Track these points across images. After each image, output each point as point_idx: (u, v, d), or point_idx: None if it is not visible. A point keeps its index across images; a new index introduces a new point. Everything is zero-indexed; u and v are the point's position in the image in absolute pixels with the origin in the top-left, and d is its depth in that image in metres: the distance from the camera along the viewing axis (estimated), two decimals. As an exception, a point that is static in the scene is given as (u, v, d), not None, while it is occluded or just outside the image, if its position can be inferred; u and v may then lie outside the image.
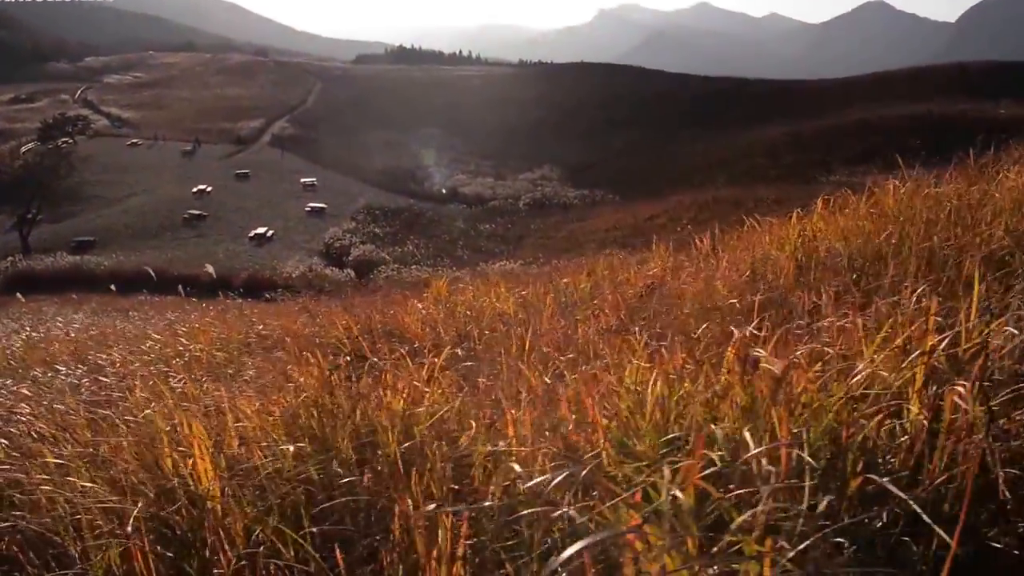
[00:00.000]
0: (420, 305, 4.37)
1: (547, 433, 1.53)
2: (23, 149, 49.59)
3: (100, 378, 3.32)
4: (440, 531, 1.26)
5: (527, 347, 2.81)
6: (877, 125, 47.74)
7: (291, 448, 1.64)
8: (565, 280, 5.13)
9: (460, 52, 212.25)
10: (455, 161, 62.64)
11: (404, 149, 65.95)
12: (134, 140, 64.99)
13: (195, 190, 45.51)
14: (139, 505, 1.50)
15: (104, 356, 4.33)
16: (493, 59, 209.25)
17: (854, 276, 3.54)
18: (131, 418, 2.15)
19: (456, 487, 1.29)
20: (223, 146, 64.11)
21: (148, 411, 2.06)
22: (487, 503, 1.29)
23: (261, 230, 38.05)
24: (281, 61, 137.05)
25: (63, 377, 3.68)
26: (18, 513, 1.64)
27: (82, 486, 1.65)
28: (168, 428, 1.78)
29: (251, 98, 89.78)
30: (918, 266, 3.29)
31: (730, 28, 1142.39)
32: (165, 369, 3.47)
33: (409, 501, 1.28)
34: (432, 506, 1.24)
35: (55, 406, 2.55)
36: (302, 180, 50.84)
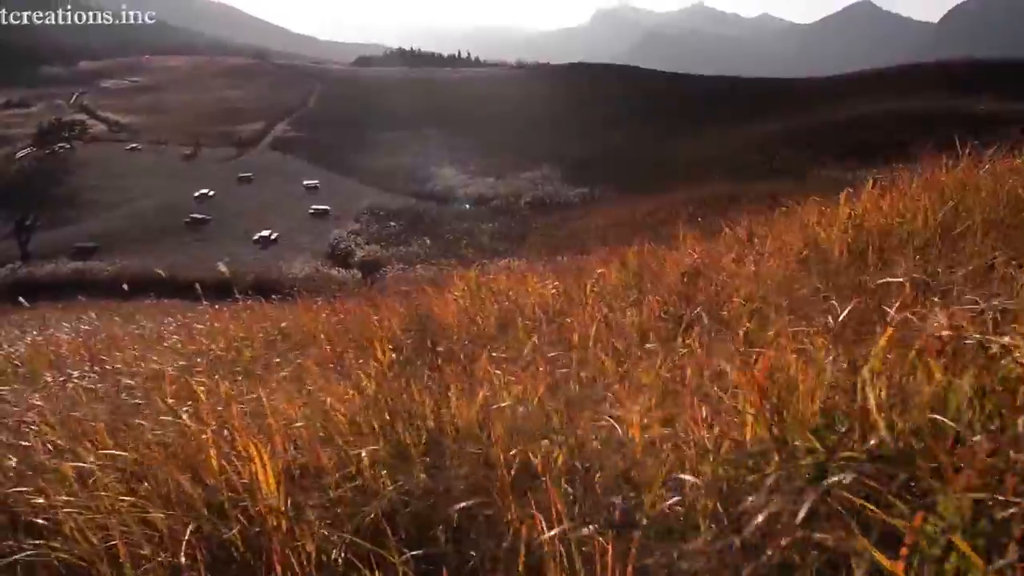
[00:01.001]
0: (458, 293, 4.10)
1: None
2: (19, 154, 49.31)
3: (123, 379, 3.03)
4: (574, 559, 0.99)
5: (593, 335, 2.54)
6: (867, 122, 47.81)
7: (364, 453, 1.36)
8: (600, 270, 4.86)
9: (459, 54, 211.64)
10: (457, 161, 62.32)
11: (406, 150, 65.69)
12: (134, 145, 64.52)
13: (197, 194, 45.49)
14: (190, 527, 1.22)
15: (120, 357, 4.05)
16: (491, 60, 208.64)
17: (916, 256, 3.30)
18: (165, 421, 1.86)
19: (618, 501, 1.00)
20: (224, 149, 63.79)
21: (186, 412, 1.78)
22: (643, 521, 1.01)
23: (265, 233, 37.94)
24: (281, 63, 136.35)
25: (75, 380, 3.40)
26: (40, 540, 1.36)
27: (115, 504, 1.36)
28: (211, 431, 1.49)
29: (251, 101, 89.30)
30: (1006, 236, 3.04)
31: (723, 29, 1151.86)
32: (191, 365, 3.19)
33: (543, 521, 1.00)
34: (586, 529, 0.95)
35: (72, 413, 2.26)
36: (305, 182, 50.71)
